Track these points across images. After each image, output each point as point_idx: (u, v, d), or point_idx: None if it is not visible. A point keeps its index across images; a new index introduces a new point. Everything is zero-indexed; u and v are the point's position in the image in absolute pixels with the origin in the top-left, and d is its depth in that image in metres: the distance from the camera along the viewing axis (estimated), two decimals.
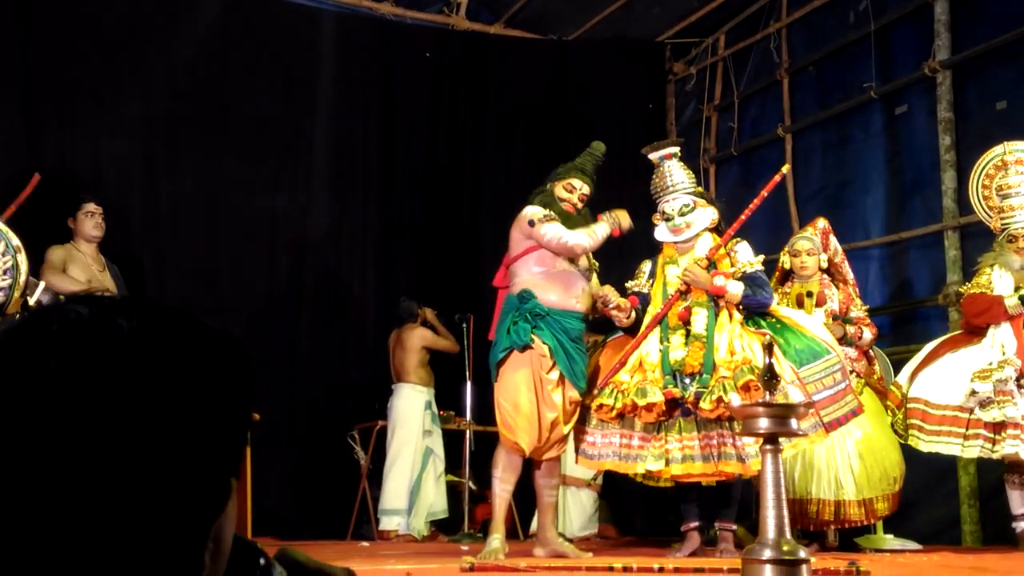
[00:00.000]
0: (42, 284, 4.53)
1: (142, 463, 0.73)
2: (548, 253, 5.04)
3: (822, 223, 6.04)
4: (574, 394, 4.99)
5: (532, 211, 5.09)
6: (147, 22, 7.51)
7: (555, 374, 4.95)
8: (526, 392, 4.95)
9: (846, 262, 6.07)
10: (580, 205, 5.20)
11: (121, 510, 0.72)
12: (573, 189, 5.19)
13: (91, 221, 6.19)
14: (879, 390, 5.79)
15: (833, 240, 6.01)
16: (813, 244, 5.92)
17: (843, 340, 5.62)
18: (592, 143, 5.40)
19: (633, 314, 5.16)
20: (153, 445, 0.73)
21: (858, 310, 5.88)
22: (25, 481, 0.72)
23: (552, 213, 5.07)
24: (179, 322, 0.79)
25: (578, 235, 5.03)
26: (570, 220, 5.09)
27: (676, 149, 5.43)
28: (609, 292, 5.07)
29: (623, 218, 5.14)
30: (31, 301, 4.35)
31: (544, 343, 4.93)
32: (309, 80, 8.17)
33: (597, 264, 5.30)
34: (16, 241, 4.10)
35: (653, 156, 5.41)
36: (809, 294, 5.84)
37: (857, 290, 6.04)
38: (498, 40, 9.08)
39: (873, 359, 5.94)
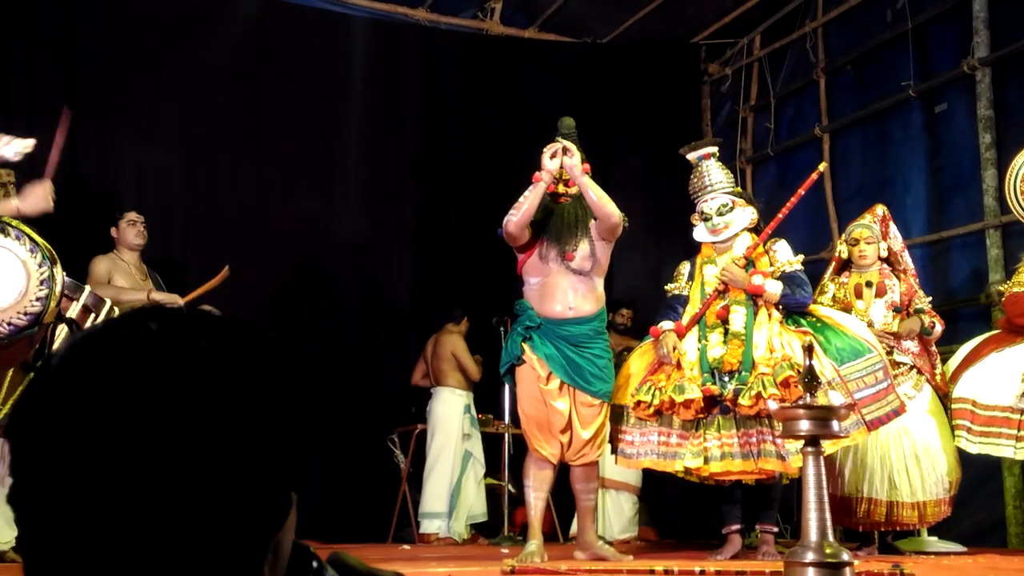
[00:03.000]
0: (87, 289, 4.59)
1: (205, 479, 0.73)
2: (537, 261, 5.03)
3: (881, 210, 5.81)
4: (587, 398, 4.97)
5: None
6: (183, 32, 7.61)
7: (555, 383, 4.96)
8: (533, 403, 5.00)
9: (906, 251, 5.87)
10: (572, 190, 5.05)
11: (183, 525, 0.73)
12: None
13: (133, 229, 6.26)
14: (942, 390, 5.58)
15: (893, 228, 5.79)
16: (872, 232, 5.69)
17: (921, 330, 5.47)
18: (559, 122, 5.26)
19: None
20: (217, 460, 0.74)
21: (922, 302, 5.62)
22: (89, 493, 0.72)
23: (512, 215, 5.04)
24: (245, 336, 0.79)
25: (510, 214, 4.98)
26: (560, 215, 5.02)
27: (714, 149, 5.40)
28: (669, 350, 5.03)
29: (546, 156, 4.95)
30: (76, 307, 4.41)
31: (535, 354, 4.95)
32: (344, 86, 8.23)
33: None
34: (51, 252, 4.17)
35: (691, 156, 5.39)
36: (869, 284, 5.63)
37: (918, 280, 5.81)
38: (532, 44, 9.09)
39: (935, 355, 5.67)
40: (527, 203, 4.94)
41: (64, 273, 4.46)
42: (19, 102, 6.98)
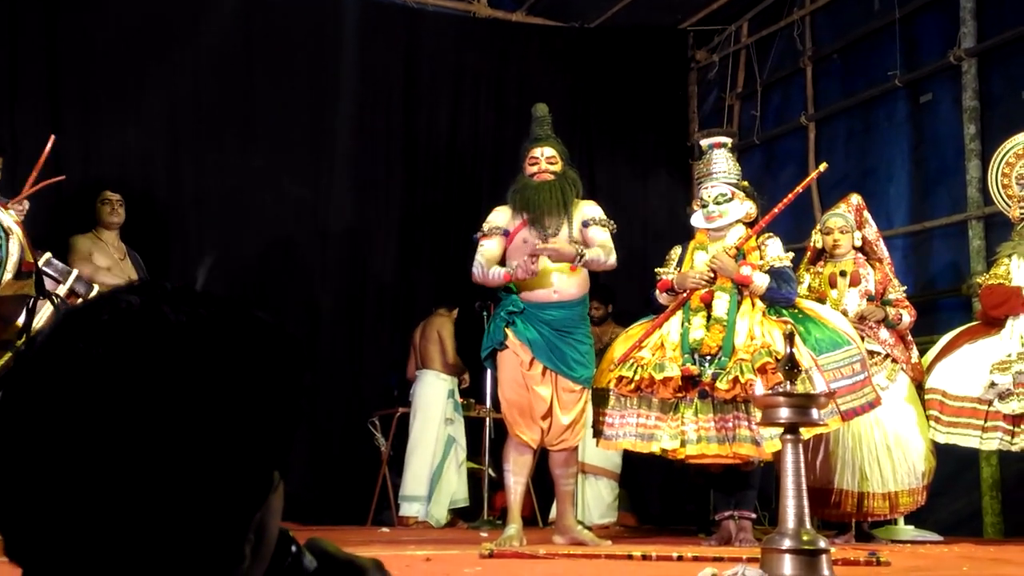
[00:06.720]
0: (75, 272, 4.58)
1: (179, 453, 0.73)
2: (520, 245, 5.07)
3: (856, 199, 5.84)
4: (568, 383, 5.00)
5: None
6: (170, 13, 7.54)
7: (537, 368, 4.99)
8: (515, 388, 5.03)
9: (881, 240, 5.89)
10: (552, 167, 5.16)
11: (157, 500, 0.73)
12: (536, 160, 5.19)
13: (106, 208, 6.41)
14: (916, 380, 5.61)
15: (867, 217, 5.82)
16: (846, 221, 5.73)
17: (884, 322, 5.55)
18: (532, 109, 5.41)
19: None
20: (191, 435, 0.74)
21: (896, 291, 5.67)
22: (62, 468, 0.73)
23: (488, 228, 5.17)
24: (228, 314, 0.80)
25: (475, 266, 5.11)
26: (541, 191, 5.08)
27: (727, 140, 5.45)
28: (697, 270, 5.13)
29: (527, 265, 4.89)
30: (63, 290, 4.40)
31: (518, 339, 4.97)
32: (331, 69, 8.18)
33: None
34: (8, 223, 4.16)
35: (703, 142, 5.45)
36: (843, 273, 5.67)
37: (893, 269, 5.84)
38: (520, 28, 9.06)
39: (910, 344, 5.72)
40: (490, 281, 5.08)
41: (76, 272, 4.48)
42: (3, 87, 6.90)
